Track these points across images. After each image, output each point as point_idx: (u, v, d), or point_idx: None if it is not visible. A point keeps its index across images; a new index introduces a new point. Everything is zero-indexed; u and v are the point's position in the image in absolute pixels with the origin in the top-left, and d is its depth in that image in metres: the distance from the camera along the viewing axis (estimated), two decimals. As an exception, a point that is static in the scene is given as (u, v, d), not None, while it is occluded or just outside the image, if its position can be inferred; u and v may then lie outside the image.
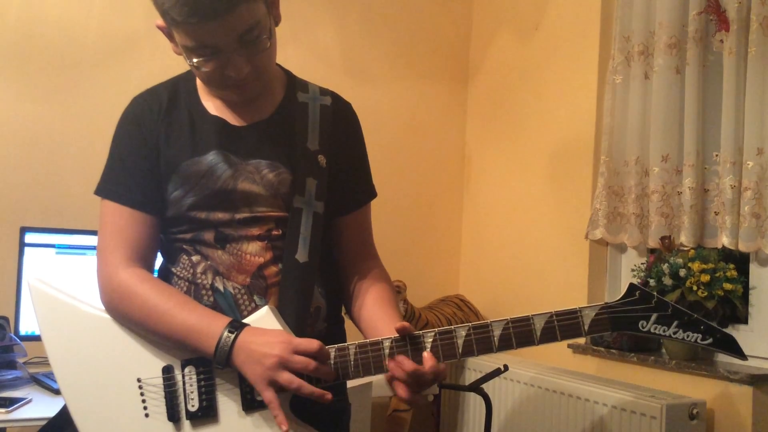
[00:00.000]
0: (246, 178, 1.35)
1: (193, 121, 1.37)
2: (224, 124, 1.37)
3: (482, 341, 1.22)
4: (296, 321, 1.31)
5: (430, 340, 1.23)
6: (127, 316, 1.31)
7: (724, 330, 1.24)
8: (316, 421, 1.28)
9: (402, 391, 1.21)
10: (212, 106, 1.39)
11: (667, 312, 1.21)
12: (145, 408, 1.28)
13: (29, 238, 2.25)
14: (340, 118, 1.46)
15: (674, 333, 1.21)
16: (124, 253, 1.33)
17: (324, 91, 1.48)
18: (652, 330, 1.21)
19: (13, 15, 2.56)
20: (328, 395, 1.21)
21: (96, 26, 2.67)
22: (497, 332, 1.22)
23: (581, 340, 2.67)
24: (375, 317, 1.37)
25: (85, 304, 1.34)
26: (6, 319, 2.18)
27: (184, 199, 1.35)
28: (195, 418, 1.27)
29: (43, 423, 1.62)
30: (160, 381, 1.28)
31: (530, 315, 1.22)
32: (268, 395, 1.20)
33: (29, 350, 2.20)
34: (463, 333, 1.22)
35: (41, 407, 1.83)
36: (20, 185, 2.54)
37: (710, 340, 1.20)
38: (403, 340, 1.23)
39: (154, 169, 1.36)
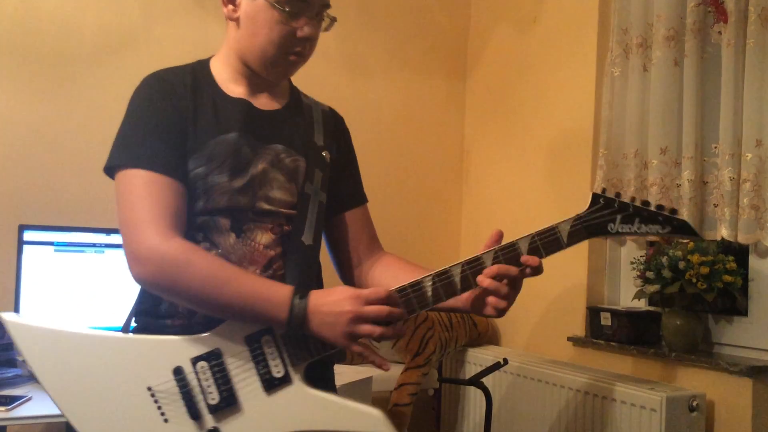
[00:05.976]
0: (266, 160, 1.39)
1: (216, 103, 1.39)
2: (249, 105, 1.41)
3: (476, 273, 1.33)
4: None
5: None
6: (182, 284, 1.26)
7: (683, 219, 1.32)
8: None
9: (495, 301, 1.30)
10: (232, 91, 1.43)
11: (629, 211, 1.31)
12: (162, 414, 1.26)
13: (28, 235, 2.25)
14: (338, 126, 1.57)
15: (638, 229, 1.31)
16: (165, 222, 1.27)
17: (321, 103, 1.58)
18: (620, 230, 1.31)
19: (9, 11, 2.55)
20: (404, 330, 1.36)
21: (92, 22, 2.66)
22: (488, 263, 1.33)
23: (581, 334, 2.67)
24: (402, 269, 1.48)
25: (65, 327, 1.28)
26: (5, 316, 2.18)
27: (209, 177, 1.34)
28: (218, 410, 1.27)
29: (43, 421, 1.61)
30: (173, 384, 1.27)
31: (515, 240, 1.33)
32: (356, 348, 1.26)
33: (29, 348, 2.20)
34: (459, 271, 1.33)
35: (41, 405, 1.83)
36: (18, 182, 2.54)
37: (669, 229, 1.31)
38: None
39: (183, 141, 1.34)
